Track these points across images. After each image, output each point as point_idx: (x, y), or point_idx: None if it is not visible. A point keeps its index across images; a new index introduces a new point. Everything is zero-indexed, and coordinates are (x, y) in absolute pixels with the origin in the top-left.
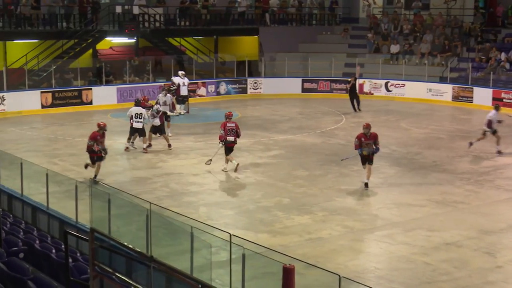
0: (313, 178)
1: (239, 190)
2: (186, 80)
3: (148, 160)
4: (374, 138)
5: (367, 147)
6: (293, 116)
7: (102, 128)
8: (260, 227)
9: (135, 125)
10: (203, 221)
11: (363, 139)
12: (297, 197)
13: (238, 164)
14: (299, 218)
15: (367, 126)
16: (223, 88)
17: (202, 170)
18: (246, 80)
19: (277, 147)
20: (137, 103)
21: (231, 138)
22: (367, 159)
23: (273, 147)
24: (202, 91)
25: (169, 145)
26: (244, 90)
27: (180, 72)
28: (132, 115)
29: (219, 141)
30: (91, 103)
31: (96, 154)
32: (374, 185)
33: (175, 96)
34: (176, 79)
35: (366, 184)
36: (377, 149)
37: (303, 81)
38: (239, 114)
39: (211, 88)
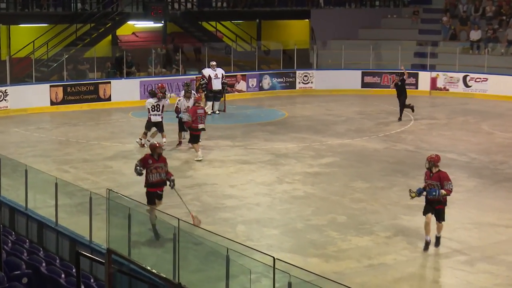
0: (374, 191)
1: (285, 205)
2: (219, 72)
3: (176, 167)
4: (439, 179)
5: (431, 190)
6: (351, 116)
7: (155, 150)
8: (310, 250)
9: (153, 118)
10: (241, 242)
11: (425, 178)
12: (355, 214)
13: (200, 160)
14: (358, 239)
15: (431, 160)
16: (266, 82)
17: (240, 180)
18: (294, 73)
19: (331, 154)
20: (153, 94)
21: (201, 126)
22: (433, 208)
23: (327, 154)
24: (241, 85)
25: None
26: (292, 85)
27: (211, 63)
28: (149, 108)
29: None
30: (109, 99)
31: (155, 188)
32: (449, 201)
33: (205, 92)
34: (206, 71)
35: (437, 240)
36: (437, 193)
37: (364, 74)
38: (285, 113)
39: (253, 82)
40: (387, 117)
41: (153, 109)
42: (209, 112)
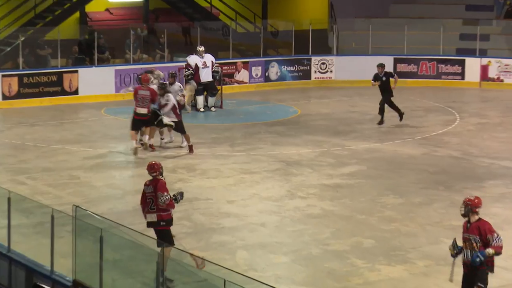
0: (410, 208)
1: (298, 226)
2: (208, 59)
3: None
4: (478, 232)
5: (473, 257)
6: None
7: (154, 171)
8: (329, 283)
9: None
10: (243, 272)
11: (463, 229)
12: (386, 237)
13: (137, 148)
14: (389, 269)
15: (469, 204)
16: (274, 71)
17: (241, 194)
18: (309, 60)
19: (355, 161)
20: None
21: (141, 110)
22: (469, 276)
23: (350, 161)
24: (242, 75)
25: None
26: (306, 75)
27: (198, 48)
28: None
29: None
30: (76, 92)
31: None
32: (505, 221)
33: (189, 84)
34: (192, 59)
35: None
36: (483, 258)
37: (396, 61)
38: (297, 110)
39: (257, 71)
40: (426, 115)
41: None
42: (201, 109)
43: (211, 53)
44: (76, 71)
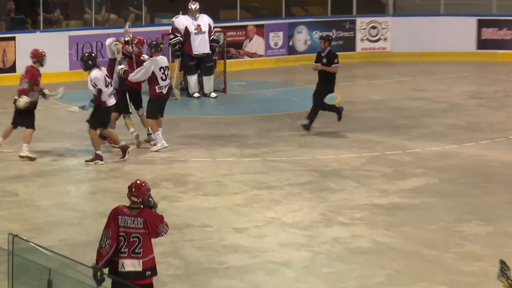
0: (502, 240)
1: (338, 266)
2: (203, 21)
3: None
4: None
5: None
6: (457, 102)
7: (141, 196)
8: None
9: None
10: None
11: None
12: (468, 283)
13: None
14: None
15: None
16: (302, 38)
17: (254, 219)
18: (353, 22)
19: (421, 171)
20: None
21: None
22: None
23: (413, 171)
24: (255, 45)
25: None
26: (349, 44)
27: (191, 6)
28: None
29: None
30: (12, 69)
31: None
32: None
33: (179, 57)
34: (180, 21)
35: None
36: None
37: (481, 25)
38: (336, 96)
39: (277, 39)
40: None
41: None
42: (195, 94)
43: (208, 14)
44: (13, 39)
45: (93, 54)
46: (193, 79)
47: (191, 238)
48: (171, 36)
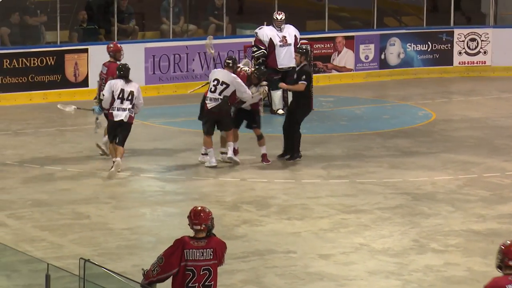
0: None
1: None
2: (289, 32)
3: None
4: None
5: None
6: None
7: (204, 222)
8: None
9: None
10: None
11: None
12: None
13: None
14: None
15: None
16: (395, 51)
17: (341, 245)
18: (451, 34)
19: None
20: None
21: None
22: None
23: None
24: (344, 58)
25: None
26: (446, 58)
27: (276, 16)
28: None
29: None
30: (85, 83)
31: None
32: None
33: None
34: (264, 32)
35: None
36: None
37: None
38: (431, 114)
39: (367, 51)
40: None
41: (121, 98)
42: (279, 111)
43: (294, 24)
44: (85, 51)
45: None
46: (277, 95)
47: (273, 264)
48: (254, 49)
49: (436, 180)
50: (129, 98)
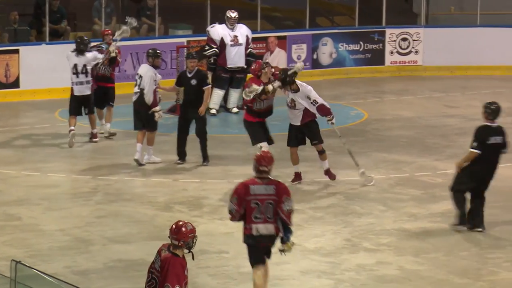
0: None
1: None
2: (241, 32)
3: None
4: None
5: None
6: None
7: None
8: None
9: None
10: None
11: None
12: None
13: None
14: None
15: None
16: (328, 51)
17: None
18: (382, 34)
19: None
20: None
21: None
22: None
23: (445, 193)
24: (277, 58)
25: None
26: (377, 57)
27: (229, 14)
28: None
29: None
30: (16, 84)
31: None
32: None
33: (213, 70)
34: (216, 31)
35: None
36: None
37: None
38: (364, 113)
39: (300, 51)
40: None
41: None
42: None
43: (244, 24)
44: (16, 51)
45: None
46: (219, 94)
47: (206, 265)
48: (206, 47)
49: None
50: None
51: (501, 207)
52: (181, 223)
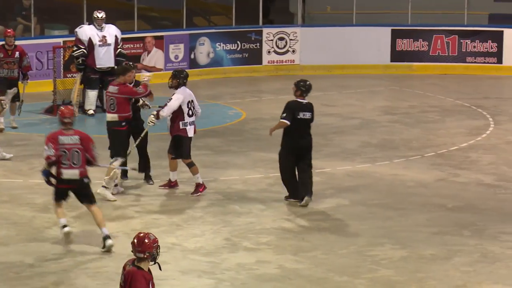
0: (417, 265)
1: None
2: (110, 32)
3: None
4: None
5: None
6: (371, 118)
7: (147, 249)
8: None
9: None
10: None
11: None
12: None
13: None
14: None
15: None
16: (205, 51)
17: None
18: (259, 33)
19: (332, 192)
20: None
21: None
22: None
23: (324, 192)
24: (154, 58)
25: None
26: (255, 57)
27: (96, 14)
28: None
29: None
30: None
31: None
32: None
33: (82, 71)
34: (84, 31)
35: None
36: None
37: (396, 36)
38: (242, 112)
39: (177, 51)
40: (442, 119)
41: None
42: (90, 110)
43: (114, 24)
44: None
45: None
46: (92, 95)
47: (86, 266)
48: (74, 48)
49: (247, 179)
50: None
51: (378, 204)
52: (142, 234)
